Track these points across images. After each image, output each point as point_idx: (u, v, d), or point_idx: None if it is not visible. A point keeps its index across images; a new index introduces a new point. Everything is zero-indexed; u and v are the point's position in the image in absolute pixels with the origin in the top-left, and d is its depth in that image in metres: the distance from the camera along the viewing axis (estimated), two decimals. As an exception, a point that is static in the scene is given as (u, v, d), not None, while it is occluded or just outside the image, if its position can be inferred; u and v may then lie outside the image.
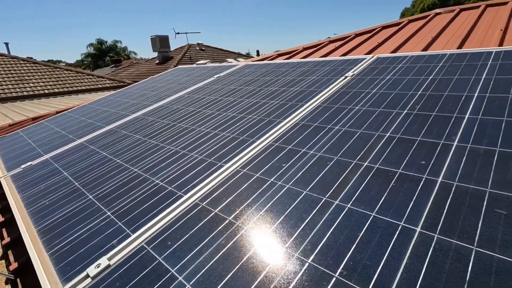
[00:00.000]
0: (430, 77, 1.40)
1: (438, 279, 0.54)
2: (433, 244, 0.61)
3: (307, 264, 0.64)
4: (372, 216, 0.71)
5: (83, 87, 8.61)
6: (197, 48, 15.81)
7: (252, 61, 3.44)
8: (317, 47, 3.36)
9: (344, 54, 2.83)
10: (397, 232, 0.65)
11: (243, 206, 0.87)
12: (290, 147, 1.12)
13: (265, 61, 2.67)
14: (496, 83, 1.17)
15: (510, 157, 0.78)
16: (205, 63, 3.31)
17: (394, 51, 2.51)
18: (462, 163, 0.80)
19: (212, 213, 0.87)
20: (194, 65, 3.37)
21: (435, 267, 0.56)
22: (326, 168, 0.94)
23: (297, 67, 2.18)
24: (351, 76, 1.70)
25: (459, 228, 0.63)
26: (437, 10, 3.45)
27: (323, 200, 0.81)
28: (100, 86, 8.99)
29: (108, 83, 9.28)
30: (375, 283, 0.56)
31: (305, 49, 3.46)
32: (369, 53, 2.65)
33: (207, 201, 0.94)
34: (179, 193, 1.01)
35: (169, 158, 1.29)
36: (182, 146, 1.38)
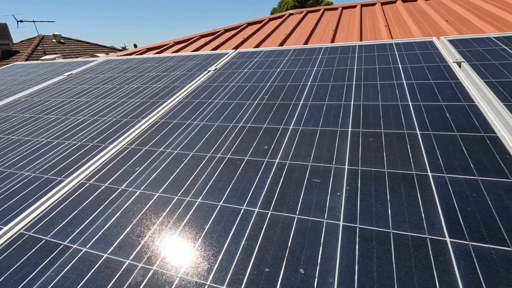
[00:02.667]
0: (278, 70, 1.58)
1: (267, 252, 0.60)
2: (266, 221, 0.67)
3: (151, 271, 0.60)
4: (219, 206, 0.74)
5: None
6: (54, 40, 13.02)
7: (118, 55, 3.09)
8: (189, 42, 3.31)
9: (214, 49, 2.89)
10: (239, 216, 0.70)
11: (84, 224, 0.75)
12: (146, 148, 1.05)
13: (130, 56, 2.43)
14: (322, 74, 1.42)
15: (325, 134, 0.95)
16: (54, 59, 2.75)
17: (257, 46, 2.73)
18: (294, 144, 0.93)
19: (42, 241, 0.72)
20: (39, 61, 2.74)
21: (267, 242, 0.62)
22: (182, 165, 0.92)
23: (162, 62, 2.08)
24: (214, 70, 1.73)
25: (287, 201, 0.72)
26: (291, 11, 3.96)
27: (175, 199, 0.78)
28: None
29: None
30: (214, 275, 0.58)
31: (176, 43, 3.35)
32: (235, 48, 2.79)
33: (36, 228, 0.76)
34: (-4, 226, 0.79)
35: (-14, 183, 0.99)
36: (9, 164, 1.09)
